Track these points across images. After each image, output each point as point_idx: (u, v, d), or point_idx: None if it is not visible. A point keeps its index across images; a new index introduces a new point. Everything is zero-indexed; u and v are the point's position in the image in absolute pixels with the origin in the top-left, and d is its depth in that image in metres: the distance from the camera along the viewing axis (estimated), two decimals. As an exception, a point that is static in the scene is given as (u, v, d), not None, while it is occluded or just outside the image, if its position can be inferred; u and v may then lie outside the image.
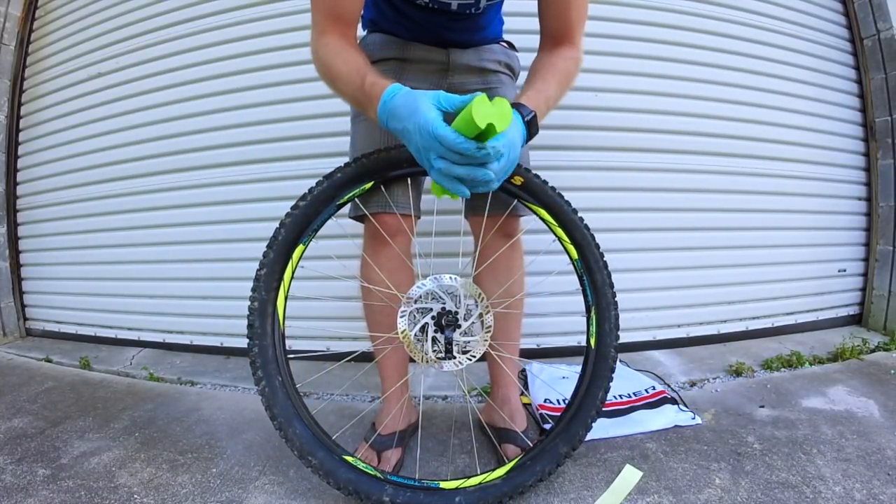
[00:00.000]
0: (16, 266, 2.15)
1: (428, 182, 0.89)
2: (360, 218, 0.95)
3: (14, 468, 0.99)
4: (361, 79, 0.72)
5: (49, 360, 1.78)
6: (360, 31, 0.98)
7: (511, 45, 1.05)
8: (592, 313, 0.91)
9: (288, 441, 0.81)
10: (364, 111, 0.76)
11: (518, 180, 0.87)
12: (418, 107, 0.62)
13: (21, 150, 2.14)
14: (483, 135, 0.59)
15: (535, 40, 0.90)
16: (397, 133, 0.68)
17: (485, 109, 0.56)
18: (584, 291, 0.92)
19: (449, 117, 0.63)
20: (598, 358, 0.89)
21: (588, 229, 0.92)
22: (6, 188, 2.11)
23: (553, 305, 1.54)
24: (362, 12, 0.97)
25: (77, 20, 2.01)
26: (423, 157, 0.65)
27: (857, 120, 1.93)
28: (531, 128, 0.74)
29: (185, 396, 1.39)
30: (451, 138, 0.59)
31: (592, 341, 0.90)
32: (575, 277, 0.93)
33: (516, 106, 0.73)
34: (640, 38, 1.65)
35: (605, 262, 0.92)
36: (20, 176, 2.15)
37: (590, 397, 0.87)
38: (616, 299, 0.91)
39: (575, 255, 0.92)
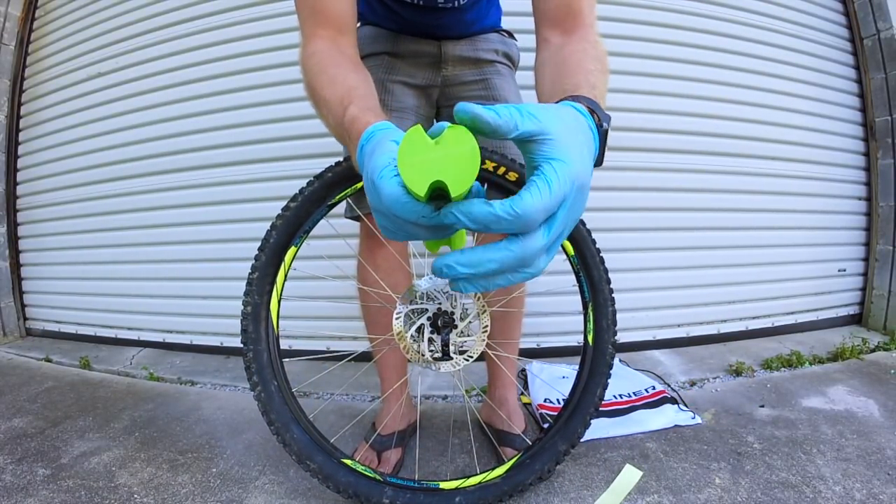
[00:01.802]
0: (16, 266, 2.15)
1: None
2: (356, 218, 0.94)
3: (14, 468, 0.99)
4: (344, 109, 0.54)
5: (49, 360, 1.78)
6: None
7: (510, 34, 1.01)
8: (589, 310, 0.90)
9: (286, 446, 0.81)
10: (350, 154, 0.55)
11: (513, 176, 0.83)
12: (375, 149, 0.40)
13: (21, 150, 2.14)
14: (442, 193, 0.33)
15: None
16: None
17: (419, 159, 0.31)
18: (580, 288, 0.91)
19: None
20: (596, 355, 0.89)
21: (584, 225, 0.91)
22: (6, 188, 2.11)
23: (553, 305, 1.54)
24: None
25: (77, 20, 2.01)
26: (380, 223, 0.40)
27: (857, 120, 1.93)
28: (604, 143, 0.45)
29: (185, 396, 1.39)
30: (386, 195, 0.34)
31: (590, 338, 0.90)
32: (572, 275, 0.92)
33: (580, 100, 0.45)
34: (640, 38, 1.65)
35: (601, 258, 0.91)
36: (20, 176, 2.15)
37: (588, 394, 0.87)
38: (613, 295, 0.91)
39: (571, 251, 0.91)
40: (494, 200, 0.31)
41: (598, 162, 0.44)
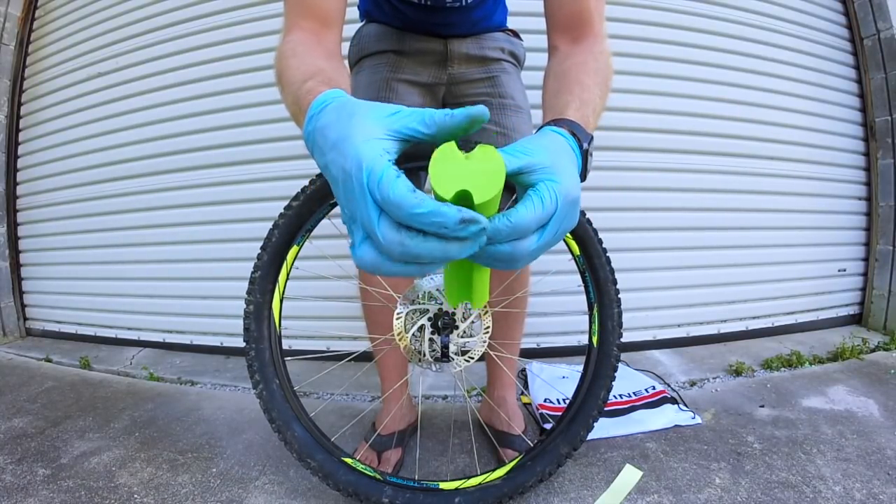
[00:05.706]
0: (16, 266, 2.15)
1: (428, 181, 0.85)
2: None
3: (14, 468, 0.99)
4: (303, 84, 0.48)
5: (49, 360, 1.78)
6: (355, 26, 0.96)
7: (515, 34, 1.01)
8: (595, 311, 0.88)
9: (287, 444, 0.81)
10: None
11: None
12: (350, 132, 0.34)
13: (21, 150, 2.14)
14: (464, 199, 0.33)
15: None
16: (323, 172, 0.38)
17: (450, 167, 0.32)
18: (586, 288, 0.90)
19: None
20: (601, 357, 0.88)
21: (590, 223, 0.90)
22: (6, 188, 2.11)
23: (553, 305, 1.54)
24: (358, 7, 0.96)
25: (77, 20, 2.01)
26: (352, 225, 0.34)
27: (858, 120, 1.93)
28: (587, 160, 0.48)
29: (185, 396, 1.39)
30: (405, 201, 0.30)
31: (594, 339, 0.89)
32: (576, 275, 0.91)
33: (562, 124, 0.49)
34: (641, 38, 1.65)
35: (607, 258, 0.89)
36: (20, 176, 2.15)
37: (591, 397, 0.86)
38: (619, 296, 0.89)
39: (577, 250, 0.89)
40: (494, 215, 0.34)
41: (583, 178, 0.48)
